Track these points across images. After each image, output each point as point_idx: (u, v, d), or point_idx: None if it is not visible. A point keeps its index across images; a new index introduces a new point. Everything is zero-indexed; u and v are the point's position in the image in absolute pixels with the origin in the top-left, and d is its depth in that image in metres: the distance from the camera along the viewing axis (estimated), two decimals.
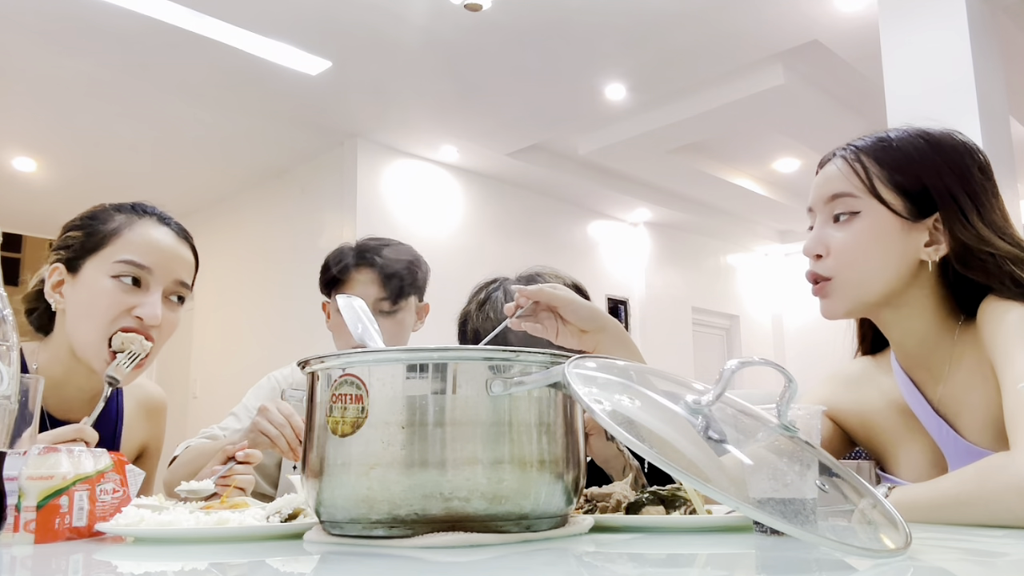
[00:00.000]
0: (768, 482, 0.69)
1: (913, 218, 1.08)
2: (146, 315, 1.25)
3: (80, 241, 1.29)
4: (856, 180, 1.11)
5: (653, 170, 6.54)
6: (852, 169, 1.12)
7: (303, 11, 4.11)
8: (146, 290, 1.28)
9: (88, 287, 1.27)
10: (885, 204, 1.09)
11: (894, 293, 1.10)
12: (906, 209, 1.08)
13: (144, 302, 1.26)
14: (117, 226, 1.29)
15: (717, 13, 4.23)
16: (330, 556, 0.73)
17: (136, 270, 1.27)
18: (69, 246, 1.30)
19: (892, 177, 1.09)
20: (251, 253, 6.44)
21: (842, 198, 1.12)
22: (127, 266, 1.27)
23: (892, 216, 1.08)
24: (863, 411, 1.22)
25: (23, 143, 5.60)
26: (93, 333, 1.25)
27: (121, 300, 1.26)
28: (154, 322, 1.26)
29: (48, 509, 0.83)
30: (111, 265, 1.27)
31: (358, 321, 1.01)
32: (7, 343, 0.80)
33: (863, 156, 1.12)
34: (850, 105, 5.40)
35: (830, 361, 1.36)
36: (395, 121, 5.46)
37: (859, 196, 1.11)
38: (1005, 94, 3.64)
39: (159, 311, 1.27)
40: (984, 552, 0.71)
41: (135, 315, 1.25)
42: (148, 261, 1.28)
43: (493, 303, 1.47)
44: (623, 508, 0.96)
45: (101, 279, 1.26)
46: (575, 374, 0.72)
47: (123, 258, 1.27)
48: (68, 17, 4.08)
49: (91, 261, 1.28)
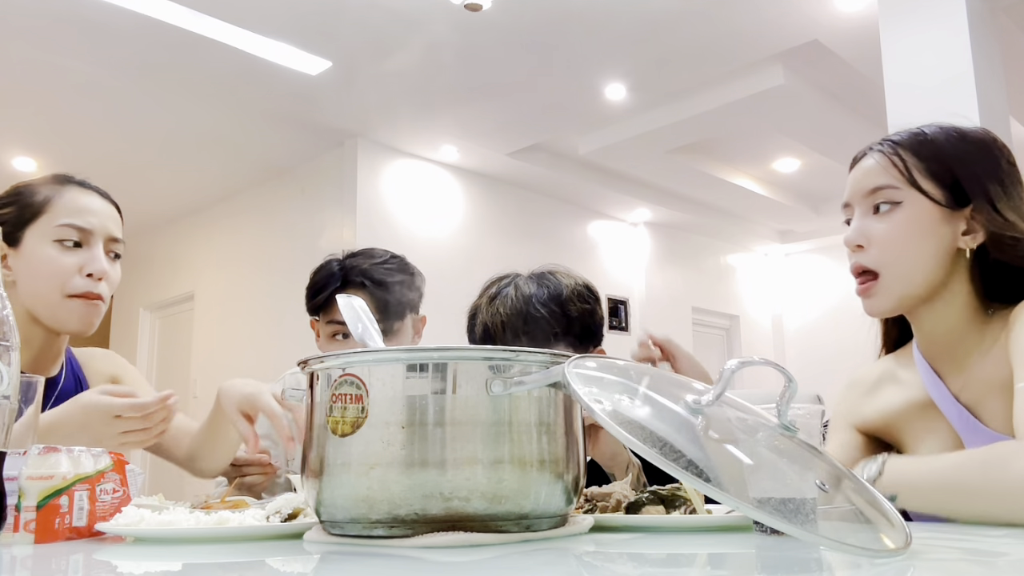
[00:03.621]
0: (768, 482, 0.69)
1: (952, 207, 1.11)
2: (95, 270, 1.38)
3: (14, 214, 1.38)
4: (896, 172, 1.14)
5: (653, 170, 6.53)
6: (891, 162, 1.15)
7: (303, 11, 4.11)
8: (88, 248, 1.39)
9: (33, 256, 1.37)
10: (925, 194, 1.11)
11: (935, 285, 1.12)
12: (945, 198, 1.11)
13: (89, 259, 1.38)
14: (46, 196, 1.39)
15: (717, 13, 4.23)
16: (330, 556, 0.73)
17: (76, 232, 1.38)
18: (5, 221, 1.38)
19: (930, 168, 1.12)
20: (251, 253, 6.43)
21: (883, 190, 1.14)
22: (68, 229, 1.38)
23: (932, 205, 1.11)
24: (885, 412, 1.22)
25: (23, 143, 5.60)
26: (50, 295, 1.36)
27: (69, 262, 1.37)
28: (102, 275, 1.39)
29: (48, 509, 0.83)
30: (52, 229, 1.37)
31: (358, 321, 1.00)
32: (7, 343, 0.80)
33: (900, 150, 1.15)
34: (850, 105, 5.40)
35: (830, 361, 1.37)
36: (395, 121, 5.46)
37: (900, 187, 1.13)
38: (1005, 94, 3.63)
39: (105, 264, 1.40)
40: (984, 552, 0.71)
41: (85, 273, 1.37)
42: (85, 223, 1.39)
43: (503, 299, 1.46)
44: (623, 508, 0.96)
45: (44, 246, 1.37)
46: (575, 374, 0.72)
47: (62, 222, 1.37)
48: (68, 17, 4.08)
49: (30, 231, 1.38)
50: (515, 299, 1.44)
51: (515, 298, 1.44)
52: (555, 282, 1.47)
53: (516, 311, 1.43)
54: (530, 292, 1.44)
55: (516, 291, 1.46)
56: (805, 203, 7.54)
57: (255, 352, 6.01)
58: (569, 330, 1.43)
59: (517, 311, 1.43)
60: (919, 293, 1.13)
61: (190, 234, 7.02)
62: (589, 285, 1.51)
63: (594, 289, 1.52)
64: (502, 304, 1.45)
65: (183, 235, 7.05)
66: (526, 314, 1.42)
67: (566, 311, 1.43)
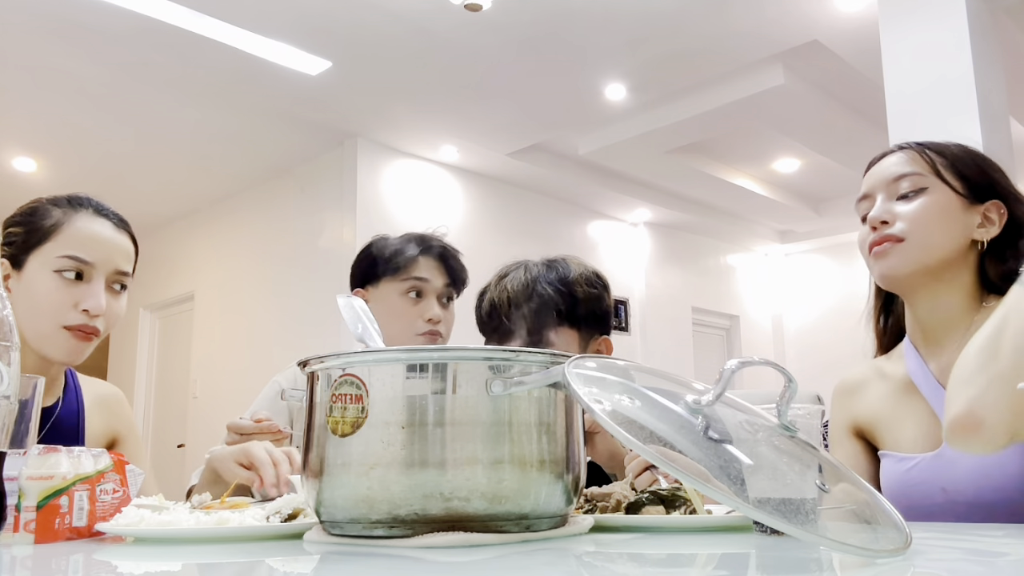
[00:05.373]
0: (768, 482, 0.69)
1: (971, 200, 1.20)
2: (91, 307, 1.32)
3: (22, 237, 1.35)
4: (922, 163, 1.22)
5: (653, 170, 6.53)
6: (918, 155, 1.23)
7: (303, 11, 4.11)
8: (88, 282, 1.34)
9: (33, 283, 1.33)
10: (949, 185, 1.20)
11: (944, 266, 1.19)
12: (966, 191, 1.20)
13: (87, 294, 1.33)
14: (56, 221, 1.35)
15: (717, 13, 4.23)
16: (330, 556, 0.73)
17: (78, 264, 1.33)
18: (12, 242, 1.35)
19: (953, 165, 1.22)
20: (251, 253, 6.43)
21: (909, 176, 1.22)
22: (69, 261, 1.32)
23: (955, 196, 1.20)
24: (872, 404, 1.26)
25: (23, 143, 5.59)
26: (43, 327, 1.32)
27: (66, 295, 1.32)
28: (99, 311, 1.33)
29: (48, 509, 0.83)
30: (54, 260, 1.33)
31: (358, 321, 1.01)
32: (7, 343, 0.80)
33: (926, 149, 1.24)
34: (850, 105, 5.40)
35: (830, 361, 1.39)
36: (395, 121, 5.46)
37: (926, 175, 1.21)
38: (1005, 94, 3.63)
39: (103, 301, 1.34)
40: (984, 552, 0.71)
41: (81, 309, 1.32)
42: (88, 255, 1.34)
43: (512, 278, 1.50)
44: (623, 508, 0.96)
45: (44, 275, 1.33)
46: (575, 374, 0.72)
47: (64, 253, 1.32)
48: (68, 17, 4.08)
49: (34, 257, 1.34)
50: (523, 278, 1.47)
51: (523, 277, 1.48)
52: (564, 266, 1.50)
53: (523, 287, 1.46)
54: (538, 272, 1.48)
55: (525, 272, 1.49)
56: (805, 203, 7.54)
57: (255, 352, 6.01)
58: (574, 312, 1.45)
59: (523, 287, 1.46)
60: (933, 267, 1.18)
61: (190, 234, 7.02)
62: (598, 273, 1.53)
63: (603, 277, 1.53)
64: (510, 282, 1.48)
65: (183, 235, 7.05)
66: (532, 291, 1.45)
67: (572, 292, 1.45)
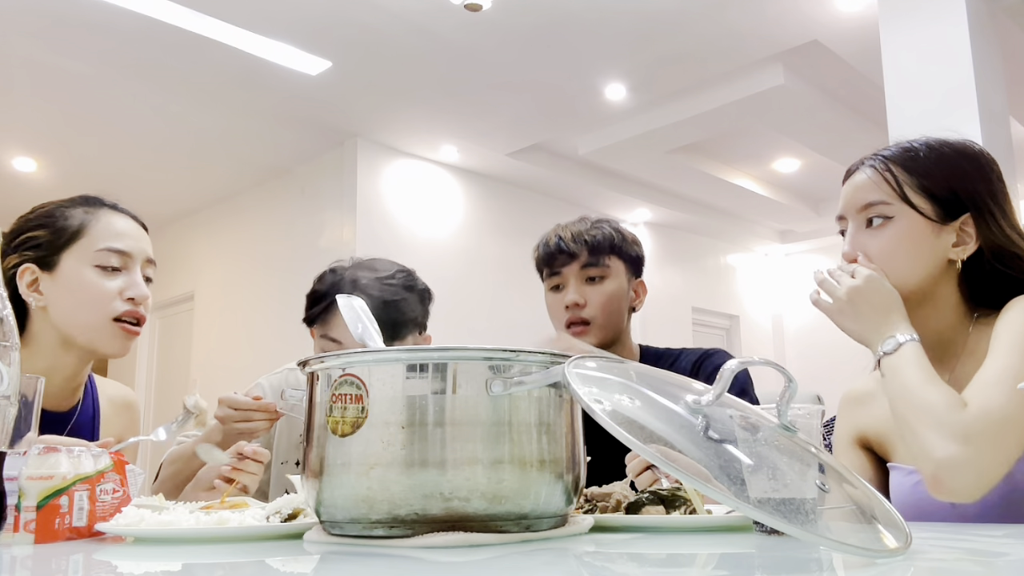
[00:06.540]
0: (768, 482, 0.69)
1: (942, 221, 1.15)
2: (136, 294, 1.37)
3: (48, 239, 1.36)
4: (887, 188, 1.17)
5: (653, 170, 6.53)
6: (883, 178, 1.18)
7: (303, 11, 4.11)
8: (127, 272, 1.38)
9: (72, 280, 1.35)
10: (916, 209, 1.15)
11: (923, 291, 1.16)
12: (935, 213, 1.15)
13: (130, 284, 1.38)
14: (83, 219, 1.38)
15: (717, 13, 4.23)
16: (330, 556, 0.73)
17: (117, 256, 1.37)
18: (38, 245, 1.36)
19: (921, 183, 1.16)
20: (251, 253, 6.43)
21: (875, 206, 1.18)
22: (108, 254, 1.36)
23: (923, 220, 1.15)
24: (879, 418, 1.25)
25: (23, 143, 5.59)
26: (93, 319, 1.34)
27: (110, 286, 1.36)
28: (143, 298, 1.38)
29: (48, 509, 0.83)
30: (92, 255, 1.36)
31: (358, 321, 1.01)
32: (7, 343, 0.80)
33: (892, 165, 1.18)
34: (850, 105, 5.40)
35: (830, 361, 1.39)
36: (395, 121, 5.46)
37: (891, 203, 1.17)
38: (1005, 94, 3.63)
39: (145, 288, 1.40)
40: (984, 552, 0.71)
41: (126, 297, 1.36)
42: (125, 246, 1.38)
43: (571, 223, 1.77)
44: (623, 508, 0.96)
45: (84, 270, 1.35)
46: (575, 374, 0.72)
47: (102, 247, 1.36)
48: (68, 17, 4.08)
49: (67, 255, 1.35)
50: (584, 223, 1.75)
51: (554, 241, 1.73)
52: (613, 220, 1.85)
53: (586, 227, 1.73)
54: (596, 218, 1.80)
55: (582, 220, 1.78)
56: (805, 203, 7.54)
57: (255, 352, 6.01)
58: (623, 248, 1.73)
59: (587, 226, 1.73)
60: (911, 295, 1.16)
61: (190, 234, 7.01)
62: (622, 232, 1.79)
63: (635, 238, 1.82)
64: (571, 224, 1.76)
65: (183, 235, 7.05)
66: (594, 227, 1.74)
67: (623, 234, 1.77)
